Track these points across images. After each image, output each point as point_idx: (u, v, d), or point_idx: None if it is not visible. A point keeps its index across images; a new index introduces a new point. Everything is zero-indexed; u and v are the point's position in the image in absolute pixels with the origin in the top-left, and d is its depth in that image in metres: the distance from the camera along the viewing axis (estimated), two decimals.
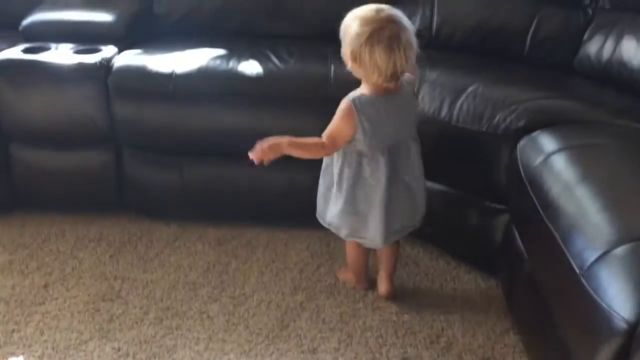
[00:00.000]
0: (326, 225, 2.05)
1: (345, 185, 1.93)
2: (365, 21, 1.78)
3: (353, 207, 1.94)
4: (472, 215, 2.15)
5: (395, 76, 1.81)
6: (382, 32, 1.76)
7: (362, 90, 1.89)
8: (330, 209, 1.99)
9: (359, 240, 2.03)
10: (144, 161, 2.46)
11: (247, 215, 2.51)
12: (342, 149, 1.90)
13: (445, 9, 2.59)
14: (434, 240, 2.34)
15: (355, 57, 1.79)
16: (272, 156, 1.87)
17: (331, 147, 1.87)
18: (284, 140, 1.87)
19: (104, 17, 2.61)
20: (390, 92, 1.87)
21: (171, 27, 2.80)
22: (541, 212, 1.68)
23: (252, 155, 1.88)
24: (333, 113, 1.97)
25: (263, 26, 2.76)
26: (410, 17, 2.56)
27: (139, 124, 2.38)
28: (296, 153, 1.89)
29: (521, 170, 1.87)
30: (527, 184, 1.81)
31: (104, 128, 2.40)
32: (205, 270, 2.27)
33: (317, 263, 2.31)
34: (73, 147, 2.46)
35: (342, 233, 2.02)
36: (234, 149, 2.36)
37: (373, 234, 1.97)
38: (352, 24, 1.80)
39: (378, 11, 1.80)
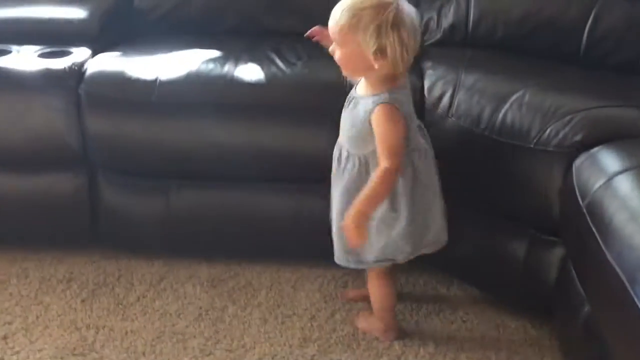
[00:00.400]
0: (368, 266, 2.08)
1: (403, 200, 1.98)
2: (378, 7, 1.84)
3: (416, 217, 2.00)
4: (518, 249, 2.14)
5: (415, 59, 1.93)
6: (402, 13, 1.85)
7: (373, 90, 1.94)
8: (375, 241, 2.01)
9: (422, 252, 2.07)
10: (122, 186, 2.47)
11: (246, 250, 2.51)
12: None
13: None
14: (474, 279, 2.34)
15: (383, 50, 1.85)
16: (362, 228, 1.92)
17: (398, 163, 1.92)
18: (359, 206, 1.91)
19: (74, 13, 2.64)
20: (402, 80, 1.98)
21: (155, 24, 2.81)
22: (602, 246, 1.67)
23: (351, 244, 1.96)
24: None
25: (265, 23, 2.78)
26: (441, 10, 2.62)
27: (117, 141, 2.39)
28: (378, 202, 1.94)
29: (578, 194, 1.86)
30: (585, 211, 1.80)
31: (74, 146, 2.41)
32: (196, 318, 2.27)
33: (332, 308, 2.30)
34: (38, 170, 2.47)
35: (401, 257, 2.05)
36: (231, 170, 2.38)
37: (437, 233, 2.06)
38: (362, 18, 1.84)
39: None
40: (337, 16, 1.88)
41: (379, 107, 1.91)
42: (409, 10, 1.87)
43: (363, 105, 1.94)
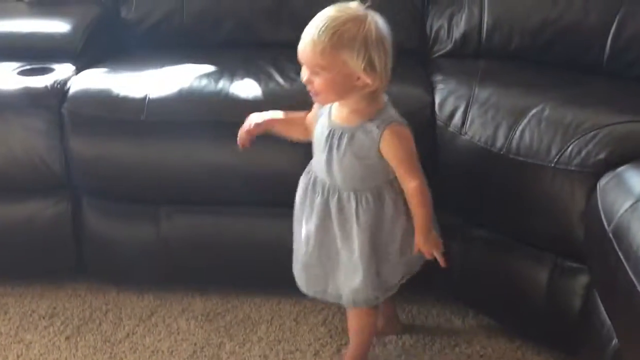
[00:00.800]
0: (394, 290, 2.09)
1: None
2: (357, 20, 1.84)
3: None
4: (539, 277, 2.14)
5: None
6: (379, 23, 1.87)
7: (364, 115, 1.93)
8: (398, 262, 2.04)
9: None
10: (109, 213, 2.48)
11: (244, 281, 2.51)
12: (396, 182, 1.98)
13: (498, 6, 2.61)
14: (491, 310, 2.33)
15: (372, 64, 1.85)
16: (437, 243, 1.99)
17: (422, 174, 1.97)
18: (422, 233, 1.96)
19: (56, 26, 2.65)
20: None
21: (144, 36, 2.84)
22: (631, 273, 1.66)
23: (443, 262, 2.01)
24: None
25: (262, 33, 2.79)
26: (452, 18, 2.63)
27: (103, 165, 2.39)
28: (430, 216, 1.99)
29: (603, 217, 1.86)
30: (611, 236, 1.80)
31: (57, 171, 2.42)
32: (190, 355, 2.27)
33: (338, 343, 2.30)
34: (17, 196, 2.47)
35: (418, 265, 2.08)
36: (227, 194, 2.38)
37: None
38: (343, 34, 1.82)
39: (354, 7, 1.87)
40: (314, 39, 1.84)
41: (387, 131, 1.90)
42: (381, 19, 1.89)
43: (364, 135, 1.92)
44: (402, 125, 1.94)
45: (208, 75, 2.44)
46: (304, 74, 1.90)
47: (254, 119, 2.09)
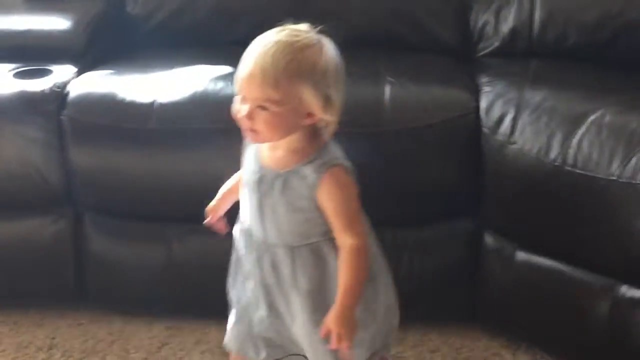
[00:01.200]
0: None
1: (373, 263, 1.90)
2: (316, 47, 1.75)
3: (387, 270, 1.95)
4: (600, 306, 2.12)
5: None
6: (333, 50, 1.79)
7: (300, 156, 1.80)
8: (362, 337, 1.89)
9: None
10: (114, 232, 2.49)
11: None
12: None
13: None
14: (545, 343, 2.31)
15: (330, 98, 1.76)
16: (353, 324, 1.81)
17: (363, 231, 1.84)
18: (344, 302, 1.79)
19: (55, 23, 2.67)
20: None
21: (151, 34, 2.86)
22: None
23: (344, 348, 1.83)
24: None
25: None
26: (500, 12, 2.63)
27: (107, 178, 2.40)
28: (362, 286, 1.83)
29: None
30: None
31: (55, 185, 2.43)
32: None
33: None
34: (11, 214, 2.49)
35: (394, 329, 1.98)
36: None
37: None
38: (302, 62, 1.72)
39: (306, 30, 1.79)
40: (265, 68, 1.71)
41: (327, 176, 1.77)
42: (332, 44, 1.79)
43: (299, 181, 1.80)
44: (346, 169, 1.80)
45: (223, 77, 2.42)
46: (244, 109, 1.73)
47: (210, 208, 2.04)
